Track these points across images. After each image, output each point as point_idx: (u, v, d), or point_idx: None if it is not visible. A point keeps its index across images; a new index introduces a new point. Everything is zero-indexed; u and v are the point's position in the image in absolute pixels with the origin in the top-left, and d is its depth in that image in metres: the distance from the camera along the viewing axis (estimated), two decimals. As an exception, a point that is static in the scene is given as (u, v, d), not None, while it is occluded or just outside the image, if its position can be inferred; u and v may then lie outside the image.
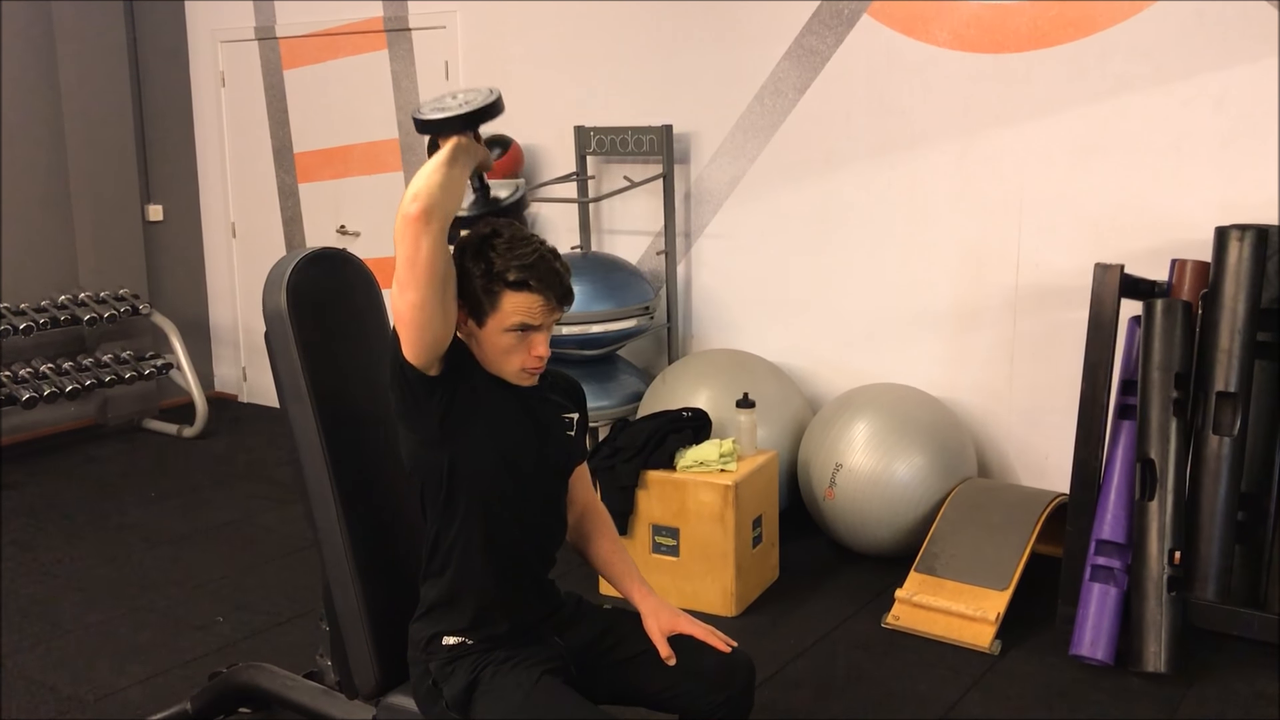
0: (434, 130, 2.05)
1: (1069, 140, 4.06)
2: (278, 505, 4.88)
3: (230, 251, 6.61)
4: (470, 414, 2.10)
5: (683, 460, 3.79)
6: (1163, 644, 3.27)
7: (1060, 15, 4.01)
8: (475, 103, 2.05)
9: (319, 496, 2.34)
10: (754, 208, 4.78)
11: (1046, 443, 4.22)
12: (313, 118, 6.12)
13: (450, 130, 2.02)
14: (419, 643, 2.21)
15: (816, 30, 4.50)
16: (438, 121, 2.04)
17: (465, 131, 2.03)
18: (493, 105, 2.06)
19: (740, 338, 4.88)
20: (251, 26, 6.20)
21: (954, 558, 3.68)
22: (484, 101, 2.06)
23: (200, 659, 3.47)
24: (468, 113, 2.03)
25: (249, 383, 6.69)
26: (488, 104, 2.05)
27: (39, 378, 5.46)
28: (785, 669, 3.39)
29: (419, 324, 1.97)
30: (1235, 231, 3.41)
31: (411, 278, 1.93)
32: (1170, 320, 3.40)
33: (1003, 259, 4.24)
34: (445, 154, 1.99)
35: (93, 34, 5.95)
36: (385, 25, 5.71)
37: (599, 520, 2.41)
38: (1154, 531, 3.33)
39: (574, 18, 5.09)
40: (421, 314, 1.96)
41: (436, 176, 1.94)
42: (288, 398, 2.34)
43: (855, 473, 3.98)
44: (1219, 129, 3.78)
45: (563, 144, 5.09)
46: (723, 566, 3.71)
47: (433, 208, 1.91)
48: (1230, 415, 3.38)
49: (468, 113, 2.03)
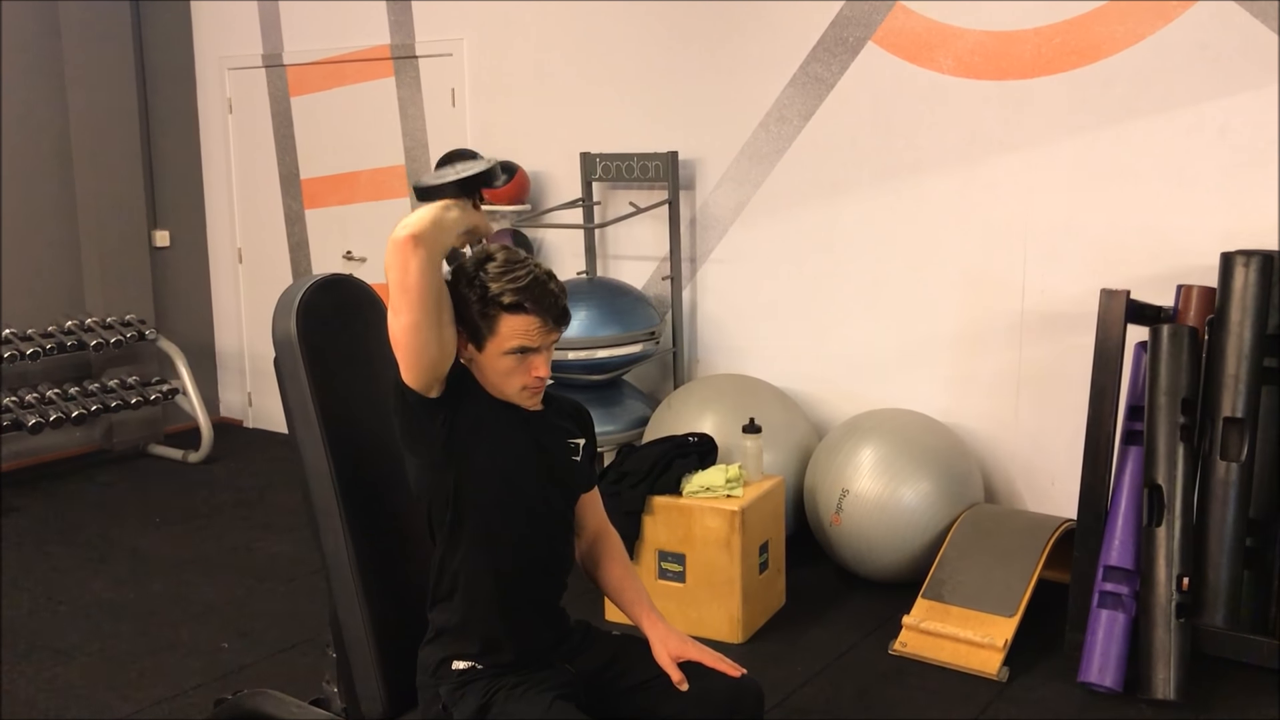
0: (429, 196, 2.12)
1: (1074, 167, 4.07)
2: (283, 531, 4.88)
3: (236, 277, 6.63)
4: (474, 437, 2.11)
5: (689, 486, 3.79)
6: (1171, 670, 3.26)
7: (1064, 43, 4.03)
8: (470, 169, 2.14)
9: (327, 521, 2.33)
10: (759, 233, 4.80)
11: (1053, 468, 4.21)
12: (319, 144, 6.16)
13: (444, 195, 2.09)
14: (428, 668, 2.21)
15: (821, 58, 4.53)
16: (434, 187, 2.12)
17: (460, 197, 2.10)
18: (488, 172, 2.14)
19: (746, 363, 4.89)
20: (259, 54, 6.25)
21: (961, 584, 3.67)
22: (480, 168, 2.14)
23: (205, 685, 3.46)
24: (461, 179, 2.12)
25: (254, 408, 6.70)
26: (483, 170, 2.14)
27: (45, 403, 5.46)
28: (792, 696, 3.37)
29: (414, 347, 1.99)
30: (1241, 257, 3.42)
31: (404, 301, 1.96)
32: (1176, 346, 3.40)
33: (1008, 285, 4.25)
34: (440, 203, 2.06)
35: (100, 60, 6.00)
36: (392, 53, 5.75)
37: (610, 545, 2.41)
38: (1162, 557, 3.32)
39: (580, 45, 5.12)
40: (416, 337, 1.98)
41: (428, 214, 2.00)
42: (297, 423, 2.35)
43: (862, 498, 3.97)
44: (1223, 155, 3.80)
45: (569, 170, 5.12)
46: (729, 593, 3.71)
47: (421, 234, 1.95)
48: (1237, 440, 3.38)
49: (461, 179, 2.12)
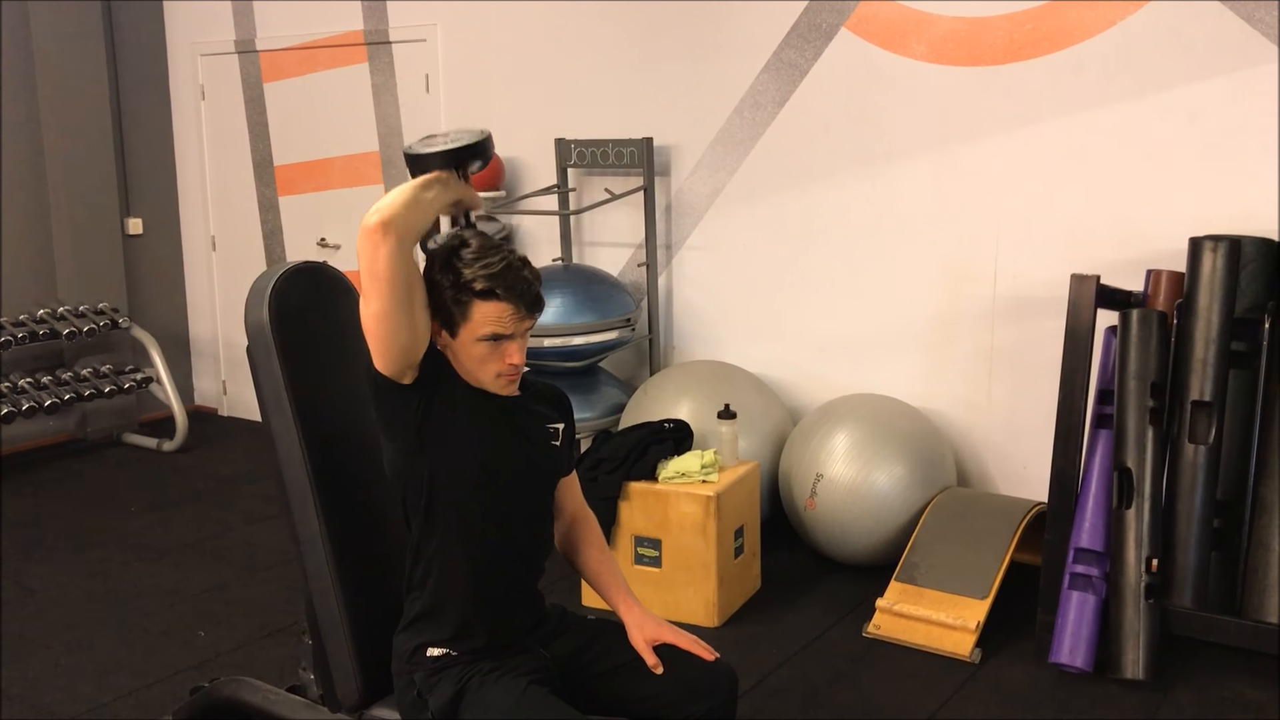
0: (419, 166, 2.06)
1: (1045, 152, 4.10)
2: (258, 519, 4.87)
3: (210, 265, 6.59)
4: (449, 422, 2.12)
5: (665, 471, 3.81)
6: (1141, 651, 3.30)
7: (1036, 29, 4.05)
8: (461, 140, 2.06)
9: (301, 509, 2.34)
10: (734, 220, 4.81)
11: (1025, 452, 4.25)
12: (293, 131, 6.12)
13: (433, 166, 2.04)
14: (403, 654, 2.21)
15: (795, 44, 4.54)
16: (423, 156, 2.05)
17: (449, 168, 2.05)
18: (480, 144, 2.07)
19: (721, 349, 4.90)
20: (231, 40, 6.20)
21: (934, 567, 3.70)
22: (470, 140, 2.06)
23: (181, 673, 3.46)
24: (451, 149, 2.04)
25: (229, 396, 6.67)
26: (474, 142, 2.06)
27: (17, 392, 5.42)
28: (767, 679, 3.40)
29: (384, 334, 1.99)
30: (1209, 242, 3.45)
31: (373, 288, 1.95)
32: (1146, 330, 3.43)
33: (981, 270, 4.28)
34: (420, 180, 2.01)
35: (71, 46, 5.94)
36: (365, 38, 5.72)
37: (588, 529, 2.43)
38: (1131, 539, 3.36)
39: (555, 30, 5.11)
40: (385, 324, 1.98)
41: (402, 195, 1.97)
42: (270, 411, 2.35)
43: (836, 483, 4.00)
44: (1193, 141, 3.83)
45: (543, 156, 5.11)
46: (705, 577, 3.73)
47: (391, 220, 1.93)
48: (1206, 424, 3.41)
49: (451, 149, 2.04)
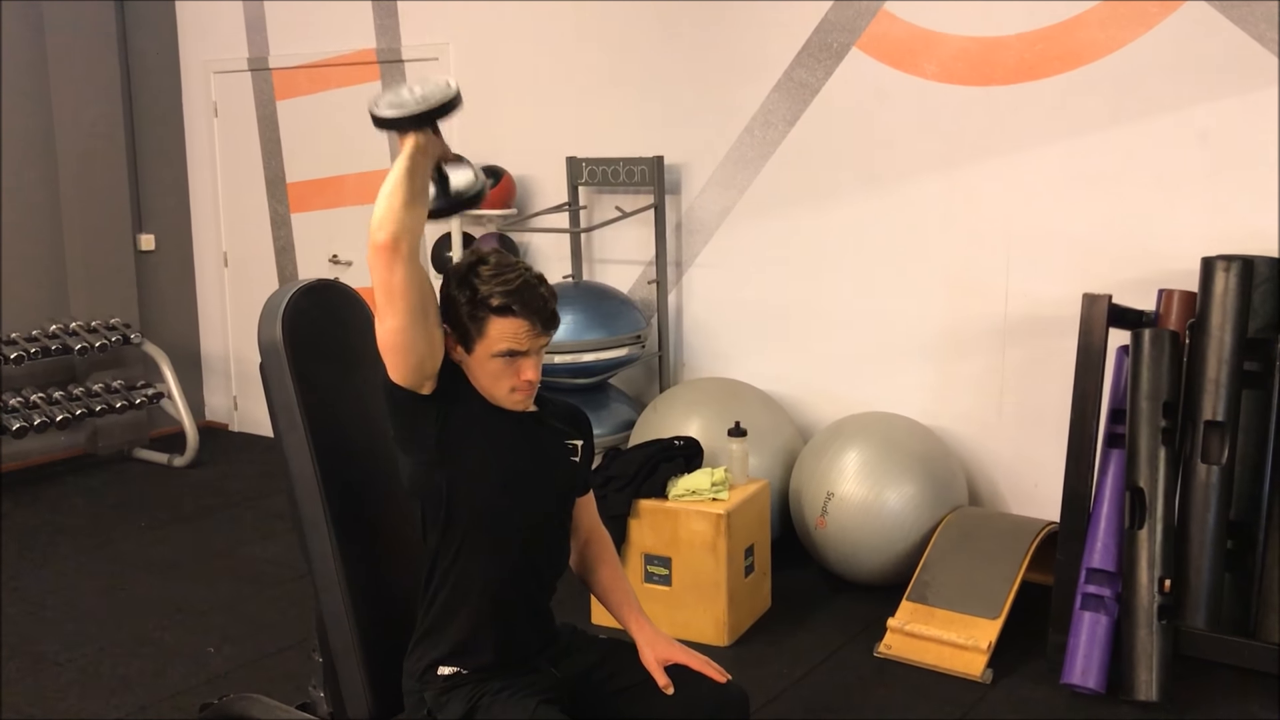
0: (391, 128, 1.99)
1: (1056, 171, 4.10)
2: (269, 535, 4.87)
3: (222, 281, 6.62)
4: (467, 436, 2.12)
5: (675, 489, 3.80)
6: (1153, 672, 3.28)
7: (1047, 49, 4.06)
8: (433, 99, 1.99)
9: (313, 526, 2.33)
10: (744, 238, 4.81)
11: (1036, 471, 4.23)
12: (306, 148, 6.15)
13: (408, 127, 1.98)
14: (414, 673, 2.21)
15: (806, 63, 4.55)
16: (396, 120, 1.98)
17: (423, 128, 2.00)
18: (451, 101, 2.00)
19: (731, 366, 4.90)
20: (245, 57, 6.24)
21: (945, 586, 3.69)
22: (442, 98, 1.99)
23: (191, 690, 3.45)
24: (425, 111, 1.98)
25: (240, 412, 6.68)
26: (446, 100, 1.99)
27: (29, 407, 5.45)
28: (778, 699, 3.38)
29: (402, 348, 2.00)
30: (1221, 262, 3.44)
31: (390, 305, 1.96)
32: (1158, 350, 3.42)
33: (992, 289, 4.28)
34: (404, 165, 1.97)
35: (86, 64, 5.98)
36: (378, 57, 5.75)
37: (602, 548, 2.43)
38: (1144, 560, 3.35)
39: (566, 50, 5.13)
40: (403, 338, 1.99)
41: (399, 196, 1.94)
42: (282, 428, 2.35)
43: (846, 501, 3.99)
44: (1205, 161, 3.83)
45: (555, 175, 5.12)
46: (715, 596, 3.72)
47: (400, 233, 1.92)
48: (1218, 444, 3.40)
49: (425, 111, 1.98)
